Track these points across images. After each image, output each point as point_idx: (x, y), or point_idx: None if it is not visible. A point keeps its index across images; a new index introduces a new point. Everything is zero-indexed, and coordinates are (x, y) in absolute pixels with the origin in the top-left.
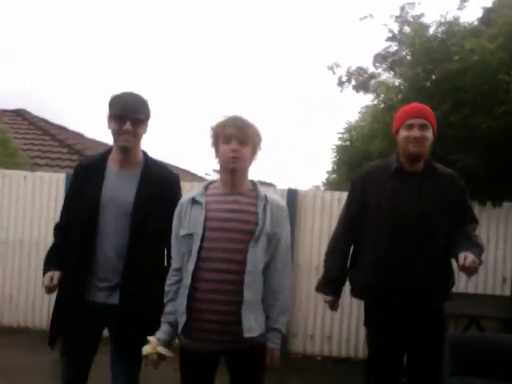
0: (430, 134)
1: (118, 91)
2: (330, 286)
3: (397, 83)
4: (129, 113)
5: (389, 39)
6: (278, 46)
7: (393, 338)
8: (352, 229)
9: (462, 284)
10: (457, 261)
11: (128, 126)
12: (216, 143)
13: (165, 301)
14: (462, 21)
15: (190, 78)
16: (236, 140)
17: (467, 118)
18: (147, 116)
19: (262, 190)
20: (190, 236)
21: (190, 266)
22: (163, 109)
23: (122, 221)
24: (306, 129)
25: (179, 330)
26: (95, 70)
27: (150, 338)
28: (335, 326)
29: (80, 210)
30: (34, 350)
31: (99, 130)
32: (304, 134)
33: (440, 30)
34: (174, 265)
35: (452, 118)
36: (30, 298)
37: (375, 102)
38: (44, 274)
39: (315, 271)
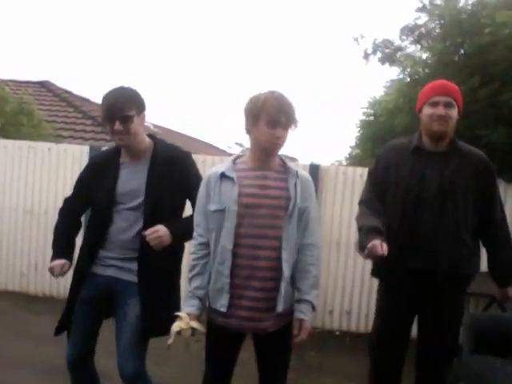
0: (455, 113)
1: (108, 88)
2: (372, 231)
3: (424, 57)
4: (115, 113)
5: (418, 10)
6: (305, 16)
7: (405, 301)
8: (376, 199)
9: (484, 262)
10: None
11: (118, 125)
12: (255, 121)
13: (191, 275)
14: None
15: (213, 51)
16: (282, 126)
17: (495, 94)
18: (138, 109)
19: (291, 164)
20: (221, 212)
21: (228, 245)
22: (185, 84)
23: (134, 210)
24: (330, 103)
25: (218, 307)
26: (118, 44)
27: (181, 314)
28: (354, 302)
29: (96, 203)
30: (58, 318)
31: None
32: (327, 108)
33: (471, 1)
34: (201, 239)
35: (480, 94)
36: None
37: (401, 76)
38: (53, 257)
39: (336, 246)
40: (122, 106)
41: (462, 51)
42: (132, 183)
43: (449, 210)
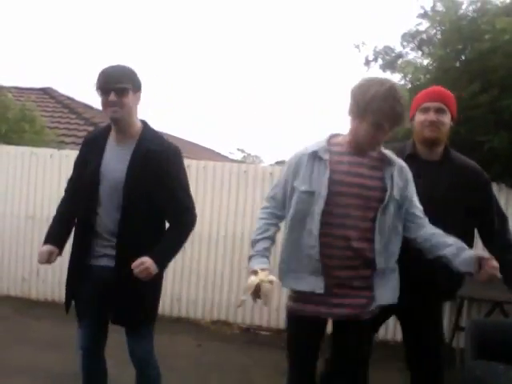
0: (447, 119)
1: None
2: None
3: (425, 63)
4: (111, 83)
5: (419, 16)
6: (306, 23)
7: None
8: None
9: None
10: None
11: (112, 96)
12: (360, 114)
13: (260, 237)
14: None
15: (215, 57)
16: (385, 130)
17: (496, 100)
18: (135, 85)
19: (387, 152)
20: (310, 194)
21: (315, 230)
22: (186, 90)
23: (115, 194)
24: (331, 109)
25: (314, 289)
26: (120, 52)
27: (256, 268)
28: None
29: (84, 182)
30: (60, 323)
31: None
32: (328, 115)
33: (471, 8)
34: (274, 210)
35: (480, 99)
36: (57, 273)
37: (402, 83)
38: (44, 243)
39: None
40: (119, 78)
41: (463, 57)
42: (114, 165)
43: (441, 223)
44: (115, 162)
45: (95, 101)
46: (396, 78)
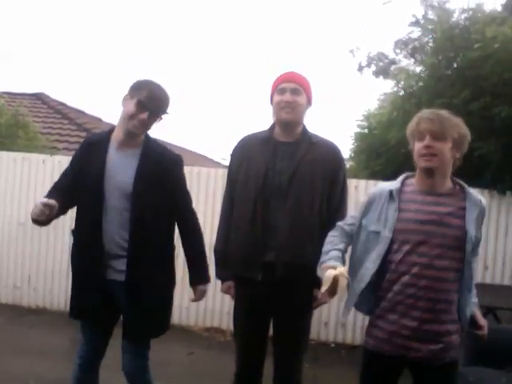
0: (303, 100)
1: (144, 77)
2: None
3: (417, 70)
4: (152, 105)
5: (412, 24)
6: (298, 28)
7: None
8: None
9: (479, 274)
10: None
11: (145, 116)
12: (412, 141)
13: (328, 247)
14: (485, 7)
15: (205, 64)
16: (430, 135)
17: (487, 107)
18: (165, 113)
19: (472, 191)
20: (376, 234)
21: (372, 268)
22: (178, 94)
23: (123, 199)
24: (324, 115)
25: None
26: (111, 56)
27: (335, 264)
28: (350, 314)
29: (86, 186)
30: (52, 331)
31: (116, 115)
32: (321, 121)
33: (463, 16)
34: (347, 226)
35: (472, 107)
36: (49, 280)
37: (395, 89)
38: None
39: None
40: (161, 105)
41: (455, 65)
42: (118, 170)
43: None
44: (120, 166)
45: (88, 106)
46: (389, 84)
